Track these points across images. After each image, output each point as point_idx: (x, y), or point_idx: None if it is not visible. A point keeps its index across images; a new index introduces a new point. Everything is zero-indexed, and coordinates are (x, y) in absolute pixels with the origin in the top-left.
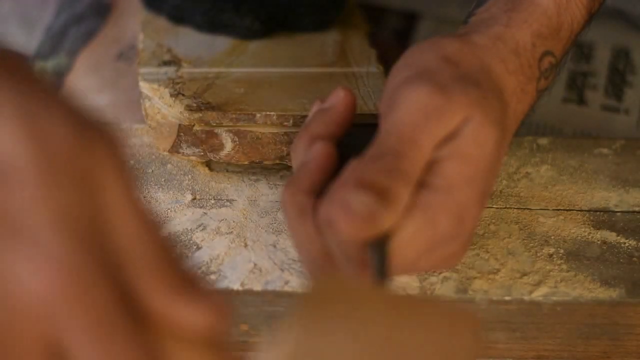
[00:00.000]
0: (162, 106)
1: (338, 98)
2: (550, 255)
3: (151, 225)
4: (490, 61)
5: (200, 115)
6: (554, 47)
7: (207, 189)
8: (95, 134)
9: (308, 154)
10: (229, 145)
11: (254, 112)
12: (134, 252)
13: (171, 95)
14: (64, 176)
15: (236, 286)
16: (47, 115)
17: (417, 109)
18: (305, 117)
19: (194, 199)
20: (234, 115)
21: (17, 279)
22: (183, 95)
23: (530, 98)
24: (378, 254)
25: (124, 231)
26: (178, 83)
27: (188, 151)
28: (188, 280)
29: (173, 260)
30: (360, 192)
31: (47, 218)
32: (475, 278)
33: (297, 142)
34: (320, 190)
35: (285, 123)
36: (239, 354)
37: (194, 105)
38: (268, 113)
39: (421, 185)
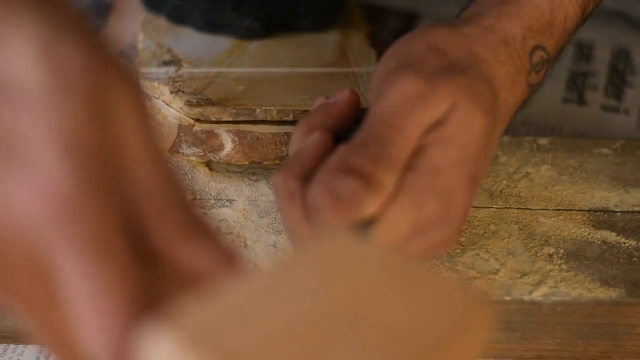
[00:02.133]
0: (162, 106)
1: (343, 95)
2: (550, 255)
3: (165, 163)
4: (479, 50)
5: (200, 110)
6: (545, 42)
7: (207, 189)
8: (113, 69)
9: (304, 141)
10: (229, 146)
11: (253, 107)
12: (144, 187)
13: (171, 92)
14: (74, 101)
15: None
16: (68, 42)
17: (403, 97)
18: (305, 111)
19: (194, 199)
20: (233, 110)
21: (11, 197)
22: (183, 92)
23: (520, 90)
24: (362, 237)
25: (135, 165)
26: (178, 81)
27: (188, 151)
28: (199, 223)
29: (185, 202)
30: (344, 177)
31: (49, 139)
32: (475, 278)
33: (296, 131)
34: (311, 177)
35: (286, 118)
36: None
37: (194, 100)
38: (268, 108)
39: (407, 169)
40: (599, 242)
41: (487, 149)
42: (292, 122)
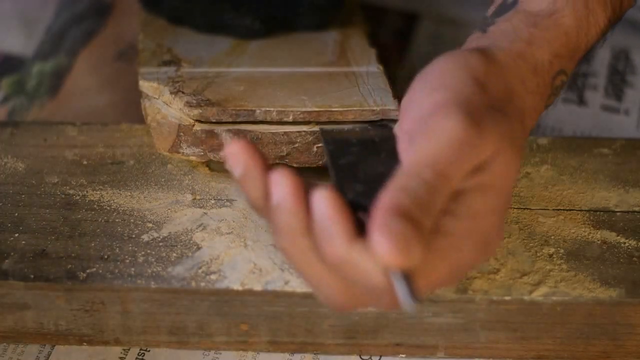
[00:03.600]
0: (162, 106)
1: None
2: (550, 255)
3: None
4: (512, 81)
5: (200, 111)
6: (567, 66)
7: (207, 189)
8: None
9: (274, 202)
10: None
11: (253, 108)
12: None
13: (171, 93)
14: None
15: (236, 286)
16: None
17: (451, 142)
18: (305, 113)
19: (194, 199)
20: (233, 111)
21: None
22: (183, 92)
23: (538, 114)
24: (405, 280)
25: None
26: (178, 82)
27: (188, 151)
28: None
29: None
30: (400, 221)
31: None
32: (475, 278)
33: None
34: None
35: (285, 119)
36: None
37: (194, 101)
38: (268, 109)
39: (444, 212)
40: (599, 242)
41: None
42: (292, 123)
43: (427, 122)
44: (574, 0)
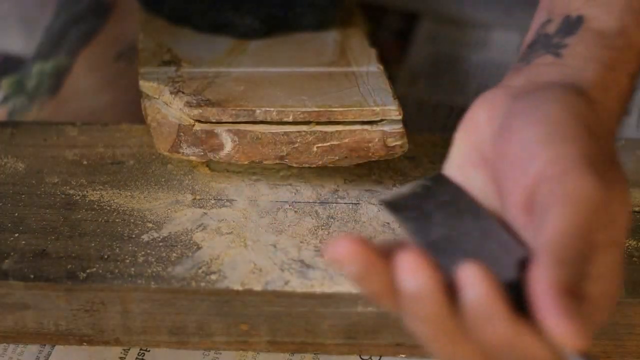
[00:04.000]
0: (162, 106)
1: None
2: None
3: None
4: (607, 121)
5: (200, 111)
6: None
7: (207, 189)
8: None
9: (408, 292)
10: (229, 145)
11: (253, 108)
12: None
13: (171, 93)
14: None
15: (236, 286)
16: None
17: (592, 207)
18: (305, 113)
19: (194, 199)
20: (233, 112)
21: None
22: (183, 92)
23: None
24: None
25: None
26: (178, 82)
27: (188, 151)
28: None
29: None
30: (569, 300)
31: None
32: None
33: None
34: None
35: (285, 119)
36: None
37: (194, 101)
38: (268, 109)
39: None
40: None
41: None
42: (292, 123)
43: (559, 183)
44: (638, 14)
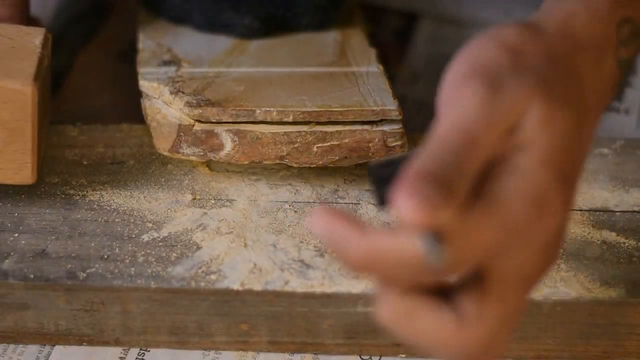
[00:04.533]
0: (162, 106)
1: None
2: None
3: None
4: (556, 40)
5: (200, 111)
6: (634, 14)
7: (207, 189)
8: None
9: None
10: (229, 145)
11: (253, 108)
12: None
13: (171, 93)
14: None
15: (236, 286)
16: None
17: (472, 108)
18: (305, 113)
19: (194, 199)
20: (233, 112)
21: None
22: (183, 92)
23: (608, 69)
24: (432, 237)
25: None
26: (178, 82)
27: (188, 151)
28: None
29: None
30: (420, 183)
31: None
32: None
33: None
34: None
35: (285, 119)
36: None
37: (194, 101)
38: (268, 109)
39: (485, 178)
40: (598, 242)
41: (576, 145)
42: (292, 123)
43: (450, 94)
44: None
